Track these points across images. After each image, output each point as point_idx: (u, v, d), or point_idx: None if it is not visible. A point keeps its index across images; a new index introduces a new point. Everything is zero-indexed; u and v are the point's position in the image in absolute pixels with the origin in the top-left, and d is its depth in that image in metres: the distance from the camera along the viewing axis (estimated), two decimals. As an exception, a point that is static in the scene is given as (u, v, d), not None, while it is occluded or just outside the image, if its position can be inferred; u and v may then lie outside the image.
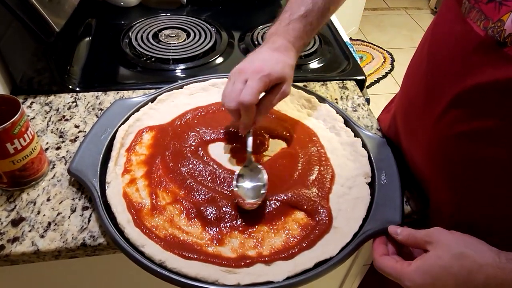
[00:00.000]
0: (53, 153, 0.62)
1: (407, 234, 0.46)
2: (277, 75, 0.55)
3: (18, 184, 0.55)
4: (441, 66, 0.48)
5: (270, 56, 0.56)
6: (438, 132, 0.49)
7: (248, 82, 0.53)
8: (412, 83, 0.58)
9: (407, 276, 0.42)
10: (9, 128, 0.49)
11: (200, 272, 0.46)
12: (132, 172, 0.57)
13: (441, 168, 0.51)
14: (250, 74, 0.54)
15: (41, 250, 0.49)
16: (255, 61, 0.56)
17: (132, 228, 0.49)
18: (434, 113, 0.49)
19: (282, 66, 0.56)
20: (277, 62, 0.55)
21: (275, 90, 0.56)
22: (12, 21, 0.63)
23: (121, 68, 0.81)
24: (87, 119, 0.68)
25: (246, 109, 0.53)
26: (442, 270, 0.40)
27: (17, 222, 0.52)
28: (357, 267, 0.73)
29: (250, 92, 0.52)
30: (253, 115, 0.55)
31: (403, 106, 0.61)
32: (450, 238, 0.42)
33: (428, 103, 0.50)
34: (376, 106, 2.18)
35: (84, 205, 0.54)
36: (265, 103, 0.57)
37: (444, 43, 0.48)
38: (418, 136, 0.54)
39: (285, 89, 0.57)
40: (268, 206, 0.54)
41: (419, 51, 0.56)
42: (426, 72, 0.51)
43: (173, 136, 0.63)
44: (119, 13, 0.99)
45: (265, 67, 0.54)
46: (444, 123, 0.47)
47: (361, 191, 0.57)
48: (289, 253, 0.49)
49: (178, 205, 0.53)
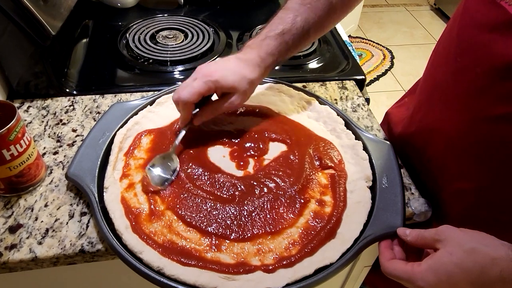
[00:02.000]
0: (51, 158, 0.61)
1: (416, 234, 0.46)
2: (225, 84, 0.56)
3: (15, 190, 0.55)
4: (472, 47, 0.48)
5: (231, 64, 0.57)
6: (472, 114, 0.49)
7: (194, 82, 0.55)
8: (437, 70, 0.58)
9: (419, 276, 0.41)
10: (5, 135, 0.49)
11: (199, 279, 0.45)
12: (131, 176, 0.57)
13: (467, 153, 0.51)
14: (200, 75, 0.56)
15: (39, 257, 0.49)
16: (213, 65, 0.59)
17: (130, 234, 0.49)
18: (465, 95, 0.49)
19: (238, 78, 0.56)
20: (233, 73, 0.56)
21: (224, 98, 0.58)
22: (8, 25, 0.62)
23: (118, 70, 0.80)
24: (85, 122, 0.67)
25: (182, 104, 0.56)
26: (455, 266, 0.40)
27: (15, 229, 0.51)
28: (358, 269, 0.73)
29: (189, 91, 0.55)
30: (190, 113, 0.58)
31: (426, 92, 0.61)
32: (460, 234, 0.42)
33: (458, 86, 0.50)
34: (376, 104, 2.19)
35: (82, 210, 0.54)
36: (209, 107, 0.59)
37: (476, 26, 0.48)
38: (443, 121, 0.54)
39: (234, 100, 0.57)
40: (269, 211, 0.54)
41: (446, 37, 0.56)
42: (455, 55, 0.51)
43: (171, 140, 0.62)
44: (116, 14, 0.98)
45: (216, 74, 0.55)
46: (479, 105, 0.47)
47: (362, 195, 0.56)
48: (291, 260, 0.48)
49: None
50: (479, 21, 0.47)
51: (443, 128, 0.55)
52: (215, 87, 0.56)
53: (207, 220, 0.52)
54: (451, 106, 0.53)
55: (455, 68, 0.51)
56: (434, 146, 0.57)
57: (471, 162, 0.51)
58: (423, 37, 2.75)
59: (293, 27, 0.59)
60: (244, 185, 0.56)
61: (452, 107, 0.53)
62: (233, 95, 0.57)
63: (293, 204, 0.54)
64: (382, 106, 2.18)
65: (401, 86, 2.35)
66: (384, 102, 2.19)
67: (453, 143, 0.53)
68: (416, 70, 2.45)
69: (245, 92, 0.58)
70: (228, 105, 0.58)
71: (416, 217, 0.57)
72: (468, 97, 0.49)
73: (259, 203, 0.54)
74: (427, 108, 0.60)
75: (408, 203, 0.58)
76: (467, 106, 0.50)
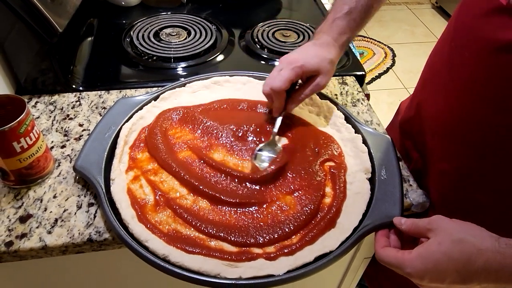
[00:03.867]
0: (58, 151, 0.63)
1: (410, 223, 0.47)
2: (310, 67, 0.60)
3: (25, 182, 0.56)
4: (464, 31, 0.51)
5: (310, 50, 0.61)
6: (461, 95, 0.52)
7: (281, 71, 0.59)
8: (435, 57, 0.61)
9: (408, 263, 0.43)
10: (16, 127, 0.50)
11: (203, 265, 0.47)
12: (136, 169, 0.58)
13: (453, 133, 0.54)
14: (285, 64, 0.60)
15: (48, 246, 0.51)
16: (294, 53, 0.62)
17: (136, 224, 0.51)
18: (457, 77, 0.52)
19: (319, 60, 0.60)
20: (314, 56, 0.60)
21: (309, 81, 0.62)
22: (16, 23, 0.64)
23: (123, 67, 0.82)
24: (91, 117, 0.69)
25: (276, 94, 0.60)
26: (443, 255, 0.41)
27: (25, 218, 0.53)
28: (358, 261, 0.74)
29: (280, 79, 0.59)
30: (283, 101, 0.62)
31: (424, 78, 0.65)
32: (450, 224, 0.43)
33: (451, 69, 0.54)
34: (377, 102, 2.19)
35: (90, 201, 0.56)
36: (298, 93, 0.63)
37: (469, 13, 0.51)
38: (435, 103, 0.58)
39: (319, 81, 0.61)
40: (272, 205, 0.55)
41: (446, 28, 0.59)
42: (450, 41, 0.55)
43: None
44: (121, 12, 1.00)
45: (300, 59, 0.60)
46: (468, 86, 0.51)
47: (361, 187, 0.57)
48: (292, 248, 0.50)
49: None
50: (472, 9, 0.51)
51: (435, 109, 0.58)
52: (302, 72, 0.60)
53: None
54: (443, 88, 0.56)
55: (449, 51, 0.55)
56: (427, 128, 0.60)
57: (456, 143, 0.54)
58: (424, 35, 2.76)
59: (358, 4, 0.62)
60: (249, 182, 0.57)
61: (444, 88, 0.56)
62: (317, 76, 0.61)
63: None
64: (383, 103, 2.18)
65: (403, 84, 2.36)
66: (386, 100, 2.20)
67: (442, 123, 0.56)
68: (417, 68, 2.45)
69: (328, 72, 0.62)
70: (315, 87, 0.62)
71: (414, 208, 0.59)
72: (457, 79, 0.52)
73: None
74: (424, 92, 0.64)
75: (407, 194, 0.59)
76: (456, 87, 0.52)
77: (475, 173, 0.53)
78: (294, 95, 0.63)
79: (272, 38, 0.92)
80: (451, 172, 0.56)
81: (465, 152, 0.54)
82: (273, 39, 0.92)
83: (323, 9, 1.08)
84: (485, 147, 0.51)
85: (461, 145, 0.54)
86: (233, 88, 0.74)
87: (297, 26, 0.97)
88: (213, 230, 0.51)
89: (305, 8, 1.10)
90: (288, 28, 0.96)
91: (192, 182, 0.56)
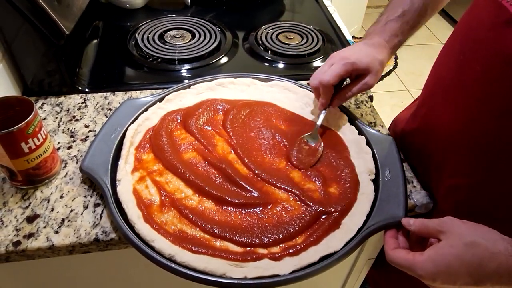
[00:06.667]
0: (65, 152, 0.63)
1: (420, 224, 0.47)
2: (361, 65, 0.60)
3: (32, 182, 0.57)
4: (474, 44, 0.50)
5: (362, 48, 0.62)
6: (473, 110, 0.51)
7: (333, 66, 0.60)
8: (441, 67, 0.61)
9: (419, 265, 0.43)
10: (24, 128, 0.51)
11: (208, 265, 0.47)
12: (142, 170, 0.59)
13: (465, 149, 0.53)
14: (336, 60, 0.61)
15: (55, 246, 0.51)
16: (346, 50, 0.63)
17: (142, 224, 0.51)
18: (467, 91, 0.51)
19: (370, 60, 0.60)
20: (366, 55, 0.60)
21: (358, 80, 0.62)
22: (23, 25, 0.65)
23: (128, 69, 0.83)
24: (97, 119, 0.70)
25: (324, 88, 0.61)
26: (455, 258, 0.41)
27: (32, 218, 0.54)
28: (362, 262, 0.74)
29: (330, 74, 0.59)
30: (330, 95, 0.63)
31: (430, 89, 0.64)
32: (462, 227, 0.43)
33: (460, 82, 0.53)
34: (380, 104, 2.19)
35: (96, 201, 0.56)
36: (345, 90, 0.63)
37: (479, 24, 0.50)
38: (444, 117, 0.57)
39: (368, 80, 0.61)
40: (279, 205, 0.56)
41: (452, 36, 0.59)
42: (459, 53, 0.54)
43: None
44: (125, 15, 1.01)
45: (352, 56, 0.60)
46: (480, 101, 0.49)
47: (365, 188, 0.58)
48: (297, 249, 0.50)
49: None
50: (482, 19, 0.49)
51: (444, 123, 0.56)
52: (352, 69, 0.60)
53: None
54: (453, 102, 0.54)
55: (458, 65, 0.53)
56: (434, 142, 0.59)
57: (468, 158, 0.53)
58: (426, 38, 2.76)
59: (412, 7, 0.62)
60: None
61: (454, 102, 0.54)
62: (366, 76, 0.61)
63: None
64: (386, 105, 2.19)
65: (405, 86, 2.36)
66: (388, 102, 2.20)
67: (453, 139, 0.55)
68: (419, 70, 2.46)
69: (378, 72, 0.62)
70: (363, 86, 0.61)
71: (417, 209, 0.59)
72: (469, 93, 0.51)
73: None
74: (430, 105, 0.62)
75: (410, 195, 0.59)
76: (468, 102, 0.51)
77: (490, 190, 0.52)
78: (342, 92, 0.64)
79: (275, 40, 0.92)
80: (464, 188, 0.54)
81: (480, 168, 0.52)
82: (277, 41, 0.92)
83: (326, 11, 1.08)
84: (501, 163, 0.50)
85: (475, 161, 0.52)
86: (238, 90, 0.75)
87: (300, 28, 0.97)
88: (218, 230, 0.51)
89: (308, 10, 1.11)
90: (292, 30, 0.97)
91: (197, 183, 0.56)
